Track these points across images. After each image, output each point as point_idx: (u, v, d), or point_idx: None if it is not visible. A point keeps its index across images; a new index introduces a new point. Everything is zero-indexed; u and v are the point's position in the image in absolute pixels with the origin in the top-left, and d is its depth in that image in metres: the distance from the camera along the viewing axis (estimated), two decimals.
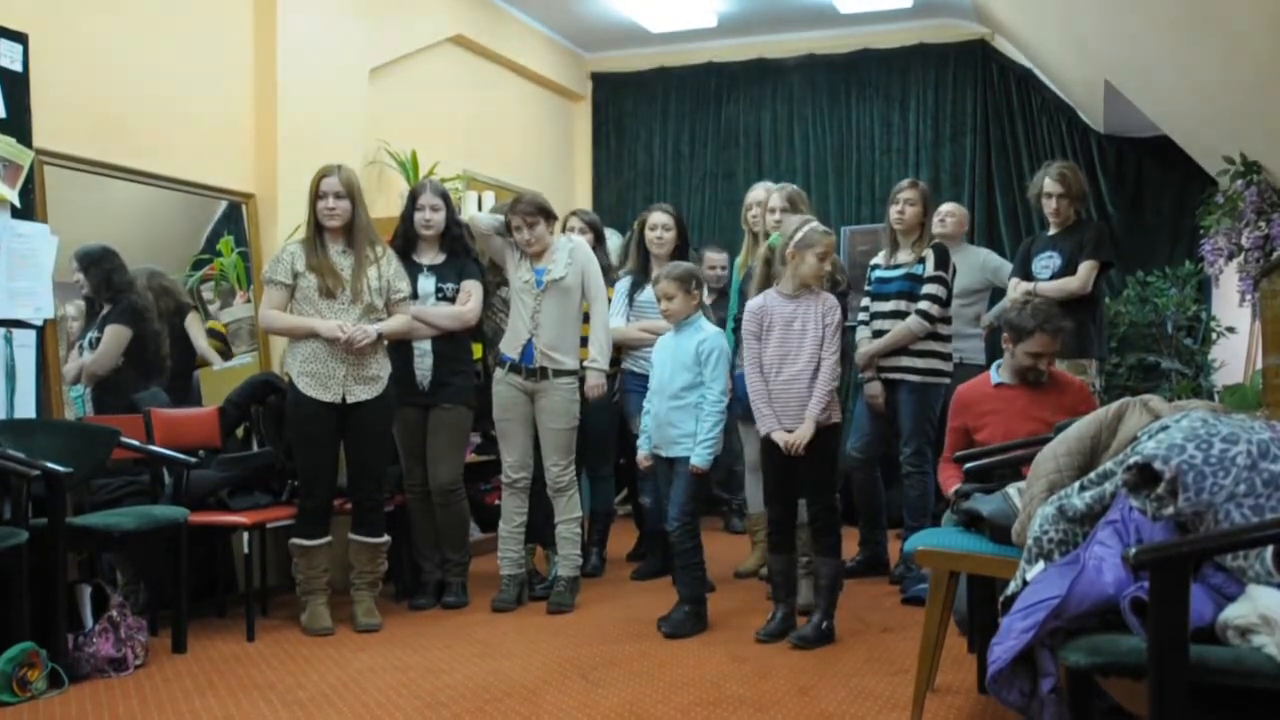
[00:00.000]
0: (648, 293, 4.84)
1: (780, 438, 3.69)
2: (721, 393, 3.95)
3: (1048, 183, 4.70)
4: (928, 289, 4.47)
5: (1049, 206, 4.70)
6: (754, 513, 4.71)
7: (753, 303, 3.84)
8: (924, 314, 4.46)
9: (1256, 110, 4.35)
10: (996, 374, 3.68)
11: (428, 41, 6.11)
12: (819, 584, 3.79)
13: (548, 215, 4.25)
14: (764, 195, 4.65)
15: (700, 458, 3.93)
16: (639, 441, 4.20)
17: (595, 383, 4.35)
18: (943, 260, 4.51)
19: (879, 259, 4.74)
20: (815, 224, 3.75)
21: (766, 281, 3.88)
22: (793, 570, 3.88)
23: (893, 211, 4.62)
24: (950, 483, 3.36)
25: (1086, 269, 4.54)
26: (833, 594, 3.77)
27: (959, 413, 3.67)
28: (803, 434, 3.67)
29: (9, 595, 3.21)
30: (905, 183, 4.67)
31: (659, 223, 4.87)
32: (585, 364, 4.35)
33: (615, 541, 5.42)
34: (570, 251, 4.30)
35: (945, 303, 4.52)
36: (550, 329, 4.25)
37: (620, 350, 4.89)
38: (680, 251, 4.84)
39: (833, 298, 3.80)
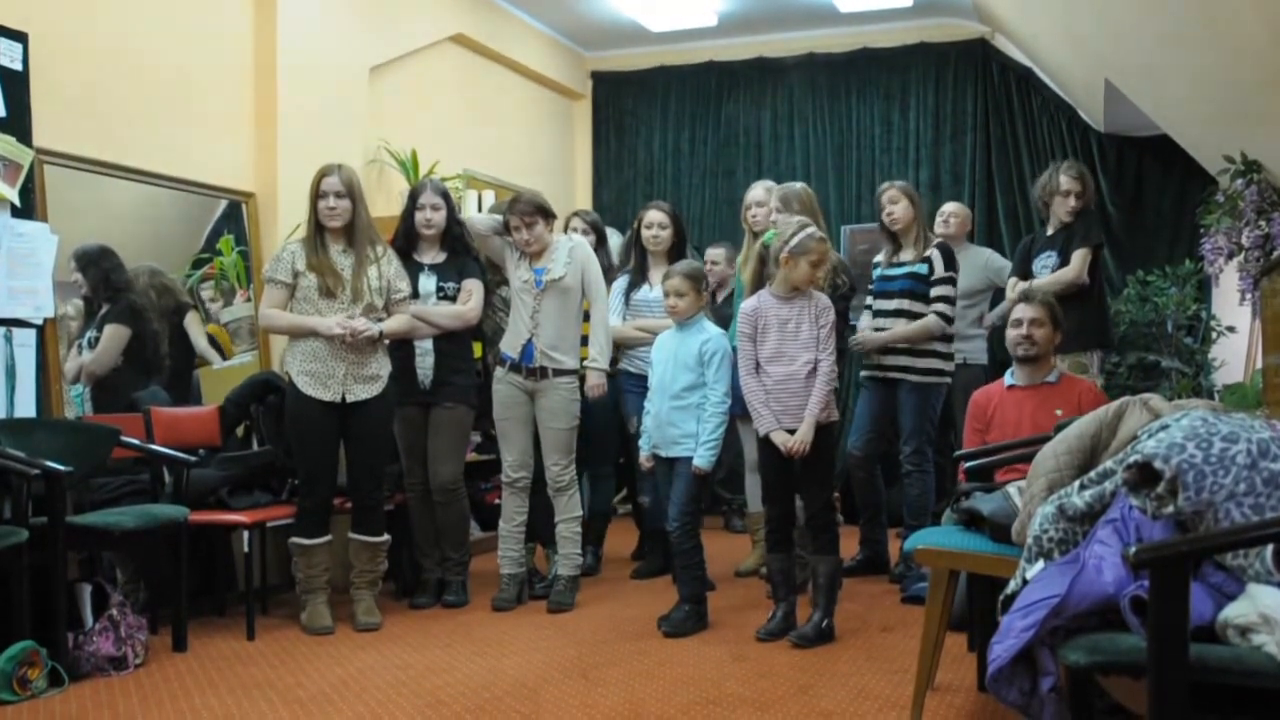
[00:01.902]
0: (644, 292, 4.83)
1: (780, 439, 3.69)
2: (724, 394, 3.95)
3: (1065, 180, 4.69)
4: (940, 290, 4.50)
5: (1067, 204, 4.68)
6: (753, 512, 4.71)
7: (747, 304, 3.83)
8: (942, 315, 4.51)
9: (1257, 109, 4.35)
10: (1010, 377, 3.75)
11: (428, 40, 6.11)
12: (817, 582, 3.79)
13: (546, 214, 4.25)
14: (763, 195, 4.65)
15: (703, 459, 3.93)
16: (640, 442, 4.20)
17: (595, 382, 4.35)
18: (950, 260, 4.55)
19: (880, 258, 4.75)
20: (811, 230, 3.72)
21: (760, 281, 3.87)
22: (792, 569, 3.88)
23: (883, 216, 4.63)
24: None
25: (1079, 258, 4.57)
26: (831, 592, 3.77)
27: (974, 416, 3.73)
28: (803, 435, 3.67)
29: (9, 594, 3.21)
30: (883, 187, 4.72)
31: (655, 221, 4.85)
32: (585, 364, 4.34)
33: (617, 541, 5.43)
34: (570, 251, 4.29)
35: (954, 302, 4.56)
36: (550, 328, 4.24)
37: (617, 350, 4.88)
38: (678, 250, 4.83)
39: (826, 298, 3.80)
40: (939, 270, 4.51)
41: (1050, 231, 4.83)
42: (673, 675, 3.37)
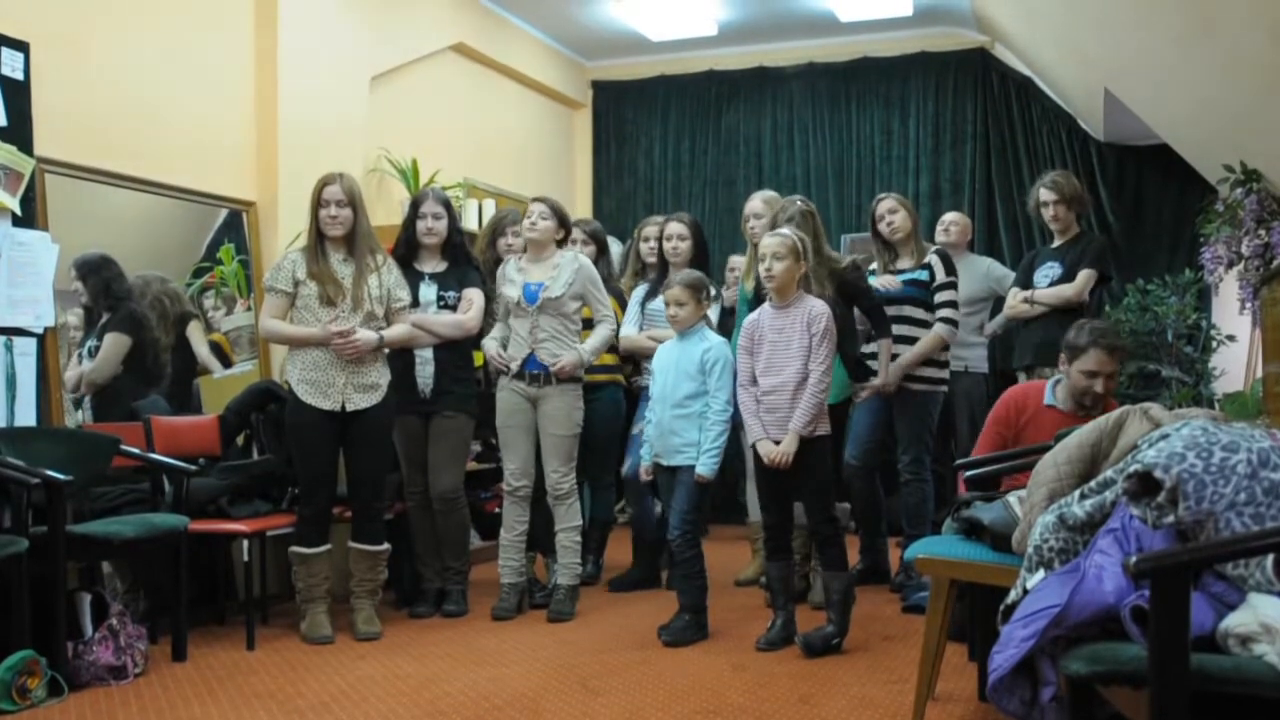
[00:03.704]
0: (658, 302, 4.84)
1: (765, 449, 3.71)
2: (726, 402, 3.96)
3: (1043, 192, 4.79)
4: (944, 296, 4.52)
5: (1047, 214, 4.78)
6: (753, 521, 4.71)
7: (748, 318, 3.88)
8: (949, 321, 4.52)
9: (1256, 118, 4.36)
10: (1051, 393, 3.60)
11: (429, 49, 6.12)
12: (831, 599, 3.77)
13: (563, 221, 4.33)
14: (762, 207, 4.67)
15: (705, 467, 3.93)
16: (641, 451, 4.19)
17: (566, 359, 4.23)
18: (950, 266, 4.57)
19: (874, 266, 4.75)
20: (773, 231, 3.81)
21: (760, 296, 3.91)
22: (790, 576, 3.88)
23: (882, 226, 4.63)
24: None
25: (1084, 277, 4.57)
26: (845, 608, 3.76)
27: (1002, 420, 3.60)
28: (785, 448, 3.68)
29: (9, 603, 3.20)
30: (879, 198, 4.74)
31: (674, 233, 4.87)
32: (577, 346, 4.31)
33: (617, 550, 5.42)
34: (575, 271, 4.30)
35: (958, 307, 4.61)
36: (550, 342, 4.26)
37: (637, 364, 4.91)
38: (698, 261, 4.83)
39: (820, 305, 3.77)
40: (940, 276, 4.52)
41: (1055, 244, 4.84)
42: (673, 685, 3.37)
